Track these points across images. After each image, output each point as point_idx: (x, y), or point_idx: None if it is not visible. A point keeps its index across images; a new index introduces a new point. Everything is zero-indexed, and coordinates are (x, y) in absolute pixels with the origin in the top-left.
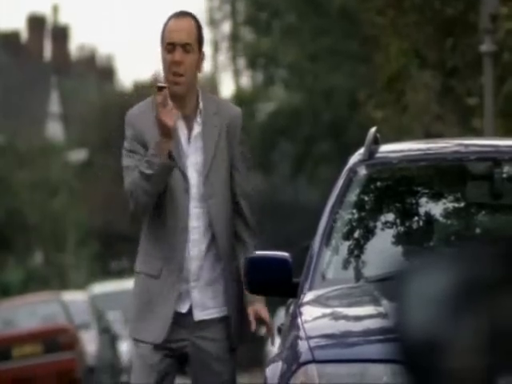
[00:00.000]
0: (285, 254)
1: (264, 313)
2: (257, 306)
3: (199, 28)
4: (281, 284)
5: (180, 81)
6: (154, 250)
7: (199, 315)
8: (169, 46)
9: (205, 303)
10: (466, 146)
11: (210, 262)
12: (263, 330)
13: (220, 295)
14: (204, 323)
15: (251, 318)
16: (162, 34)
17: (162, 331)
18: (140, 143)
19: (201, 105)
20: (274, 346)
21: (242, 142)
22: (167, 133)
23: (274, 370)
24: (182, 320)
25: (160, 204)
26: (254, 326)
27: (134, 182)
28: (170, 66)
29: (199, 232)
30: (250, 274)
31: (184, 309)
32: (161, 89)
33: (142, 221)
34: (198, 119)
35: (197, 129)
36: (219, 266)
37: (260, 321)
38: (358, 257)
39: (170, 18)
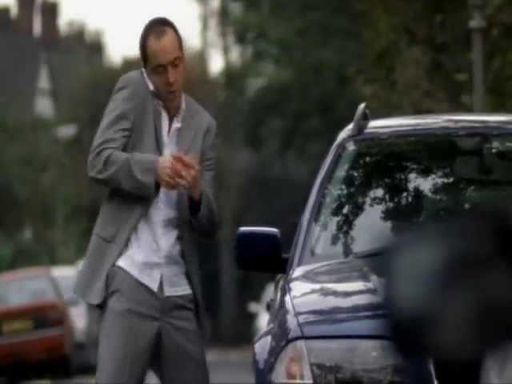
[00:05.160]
0: (274, 230)
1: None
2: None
3: (177, 32)
4: (270, 260)
5: (176, 97)
6: (110, 215)
7: (168, 291)
8: (157, 67)
9: (172, 280)
10: (456, 121)
11: (174, 243)
12: (253, 307)
13: (182, 274)
14: (173, 300)
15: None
16: (145, 56)
17: (100, 291)
18: (133, 112)
19: (183, 105)
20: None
21: (213, 148)
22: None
23: (262, 346)
24: (153, 298)
25: None
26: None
27: (118, 165)
28: (164, 87)
29: (165, 215)
30: (240, 249)
31: (154, 286)
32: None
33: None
34: (179, 117)
35: (176, 125)
36: (180, 247)
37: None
38: (346, 232)
39: (147, 36)
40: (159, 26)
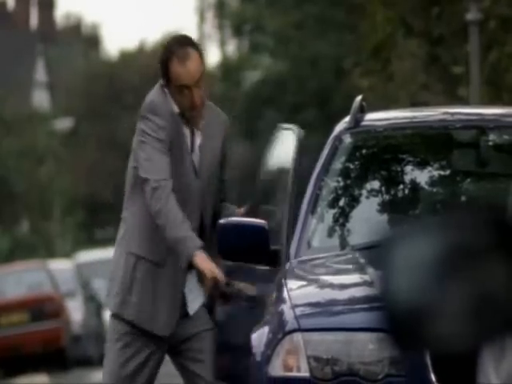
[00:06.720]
0: (261, 221)
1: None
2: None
3: (200, 50)
4: (256, 251)
5: (199, 115)
6: (154, 236)
7: (192, 308)
8: (184, 89)
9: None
10: (452, 114)
11: None
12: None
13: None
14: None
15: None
16: (167, 76)
17: (169, 324)
18: (169, 139)
19: (204, 120)
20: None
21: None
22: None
23: (259, 339)
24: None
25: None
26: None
27: (166, 209)
28: (188, 106)
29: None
30: (224, 239)
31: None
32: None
33: (132, 201)
34: (200, 132)
35: (198, 140)
36: None
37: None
38: (343, 225)
39: (169, 58)
40: (182, 48)
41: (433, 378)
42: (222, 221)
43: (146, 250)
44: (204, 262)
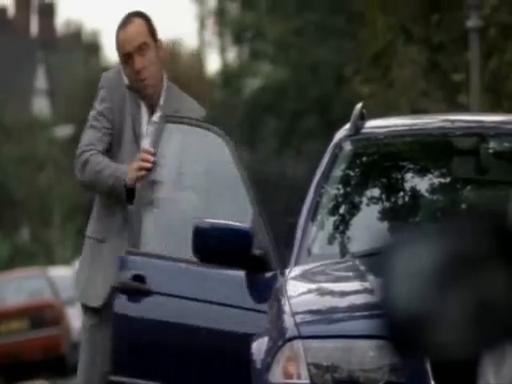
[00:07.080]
0: (244, 225)
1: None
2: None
3: (148, 21)
4: (238, 255)
5: (148, 84)
6: (101, 214)
7: None
8: (125, 57)
9: None
10: (452, 121)
11: None
12: None
13: None
14: None
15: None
16: (117, 48)
17: (102, 294)
18: (111, 111)
19: (161, 101)
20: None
21: None
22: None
23: (260, 346)
24: None
25: None
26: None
27: (95, 164)
28: (133, 76)
29: None
30: (204, 241)
31: None
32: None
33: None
34: (159, 111)
35: (155, 118)
36: None
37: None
38: (343, 232)
39: (118, 27)
40: (127, 18)
41: None
42: (201, 222)
43: (92, 229)
44: (131, 174)
